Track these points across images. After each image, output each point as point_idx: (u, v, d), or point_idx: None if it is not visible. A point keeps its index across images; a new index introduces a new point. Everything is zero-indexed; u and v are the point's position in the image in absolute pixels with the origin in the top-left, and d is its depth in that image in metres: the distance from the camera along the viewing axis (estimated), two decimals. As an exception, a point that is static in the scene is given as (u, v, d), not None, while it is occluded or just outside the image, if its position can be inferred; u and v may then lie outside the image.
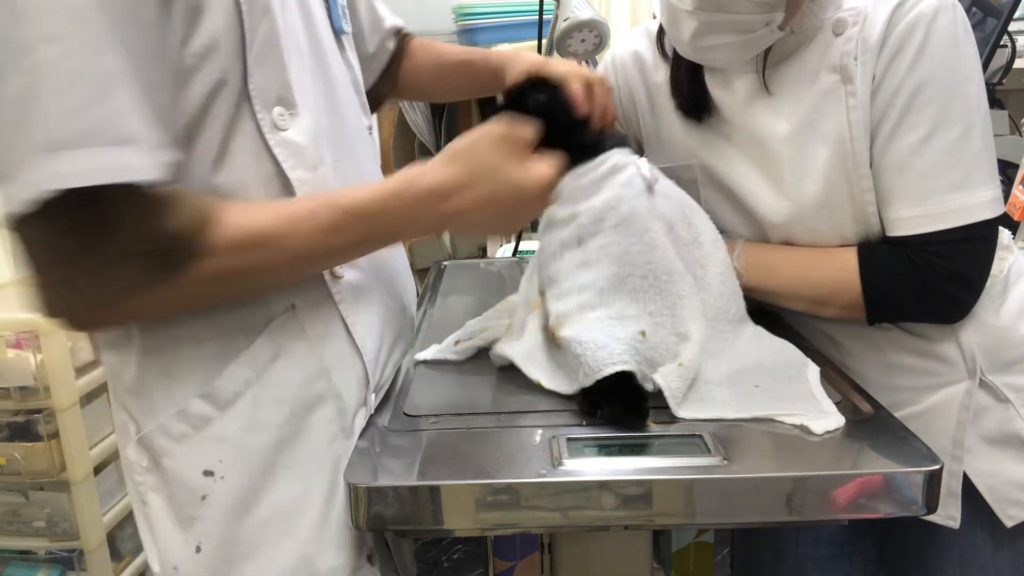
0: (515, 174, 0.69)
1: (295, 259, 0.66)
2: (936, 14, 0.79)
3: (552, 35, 1.38)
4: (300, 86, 0.70)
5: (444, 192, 0.67)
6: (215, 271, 0.62)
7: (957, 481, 0.87)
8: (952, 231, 0.81)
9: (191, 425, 0.69)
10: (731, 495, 0.65)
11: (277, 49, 0.67)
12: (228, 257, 0.62)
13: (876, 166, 0.83)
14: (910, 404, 0.90)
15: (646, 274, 0.81)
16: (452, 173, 0.68)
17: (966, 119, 0.80)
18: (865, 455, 0.68)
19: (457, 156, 0.68)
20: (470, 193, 0.68)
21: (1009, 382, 0.88)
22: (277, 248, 0.64)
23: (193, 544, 0.69)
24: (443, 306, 1.14)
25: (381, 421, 0.76)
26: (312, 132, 0.71)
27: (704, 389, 0.78)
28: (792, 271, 0.90)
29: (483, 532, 0.74)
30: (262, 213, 0.64)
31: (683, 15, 0.83)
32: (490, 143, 0.69)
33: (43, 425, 1.48)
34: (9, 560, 1.61)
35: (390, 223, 0.68)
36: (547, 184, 0.70)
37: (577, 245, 0.82)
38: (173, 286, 0.61)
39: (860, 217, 0.85)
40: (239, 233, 0.62)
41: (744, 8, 0.79)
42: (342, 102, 0.78)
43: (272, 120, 0.67)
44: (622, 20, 3.02)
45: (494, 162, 0.68)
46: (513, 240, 1.61)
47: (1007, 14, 1.62)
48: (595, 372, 0.73)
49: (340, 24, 0.79)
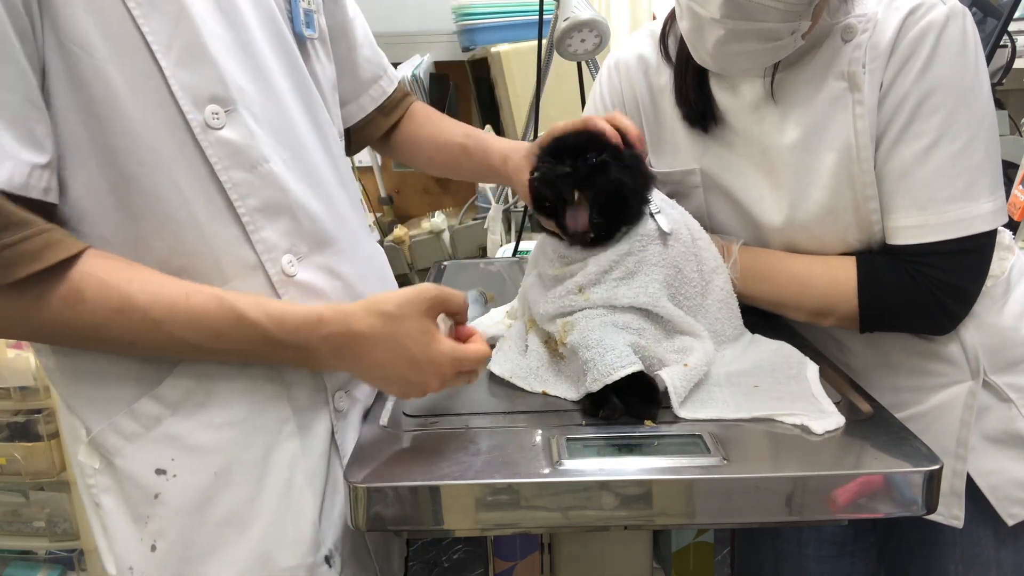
0: (422, 354, 0.68)
1: (144, 342, 0.66)
2: (947, 22, 0.79)
3: (552, 35, 1.38)
4: (243, 83, 0.69)
5: (348, 344, 0.67)
6: (51, 316, 0.62)
7: (961, 481, 0.87)
8: (950, 242, 0.80)
9: (141, 424, 0.70)
10: (731, 495, 0.64)
11: (202, 48, 0.66)
12: (68, 309, 0.62)
13: (878, 173, 0.83)
14: (913, 404, 0.90)
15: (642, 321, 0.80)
16: (364, 330, 0.67)
17: (971, 129, 0.79)
18: (865, 455, 0.68)
19: (378, 318, 0.67)
20: (370, 357, 0.68)
21: (1011, 382, 0.88)
22: (135, 324, 0.64)
23: (148, 543, 0.70)
24: (443, 306, 1.14)
25: (380, 421, 0.76)
26: (254, 130, 0.70)
27: (704, 389, 0.77)
28: (787, 281, 0.89)
29: (483, 532, 0.74)
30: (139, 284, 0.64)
31: (709, 23, 0.81)
32: (413, 319, 0.68)
33: (43, 425, 1.48)
34: (9, 560, 1.61)
35: (279, 351, 0.68)
36: (455, 368, 0.69)
37: (577, 292, 0.81)
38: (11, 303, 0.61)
39: (863, 224, 0.85)
40: (98, 287, 0.62)
41: (772, 16, 0.78)
42: (301, 104, 0.77)
43: (203, 119, 0.67)
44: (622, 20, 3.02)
45: (408, 336, 0.68)
46: (513, 240, 1.61)
47: (1007, 14, 1.62)
48: (605, 377, 0.72)
49: (300, 28, 0.78)
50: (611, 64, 1.05)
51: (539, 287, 0.88)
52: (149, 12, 0.64)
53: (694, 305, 0.85)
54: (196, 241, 0.68)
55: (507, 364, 0.83)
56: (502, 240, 1.82)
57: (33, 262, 0.60)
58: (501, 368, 0.83)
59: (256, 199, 0.70)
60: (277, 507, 0.72)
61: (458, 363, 0.69)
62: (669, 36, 0.97)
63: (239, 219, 0.69)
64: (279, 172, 0.72)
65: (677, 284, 0.83)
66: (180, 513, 0.70)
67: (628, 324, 0.78)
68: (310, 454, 0.74)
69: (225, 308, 0.65)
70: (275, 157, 0.72)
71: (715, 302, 0.87)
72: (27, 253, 0.60)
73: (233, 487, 0.71)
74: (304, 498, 0.73)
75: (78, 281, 0.62)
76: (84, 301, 0.62)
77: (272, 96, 0.73)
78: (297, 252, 0.74)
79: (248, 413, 0.72)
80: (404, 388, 0.70)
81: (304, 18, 0.79)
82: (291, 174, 0.73)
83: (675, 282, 0.83)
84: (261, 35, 0.73)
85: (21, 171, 0.59)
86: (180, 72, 0.65)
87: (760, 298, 0.91)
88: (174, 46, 0.65)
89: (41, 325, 0.63)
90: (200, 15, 0.67)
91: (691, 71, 0.92)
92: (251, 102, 0.70)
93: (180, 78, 0.65)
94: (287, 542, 0.72)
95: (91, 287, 0.62)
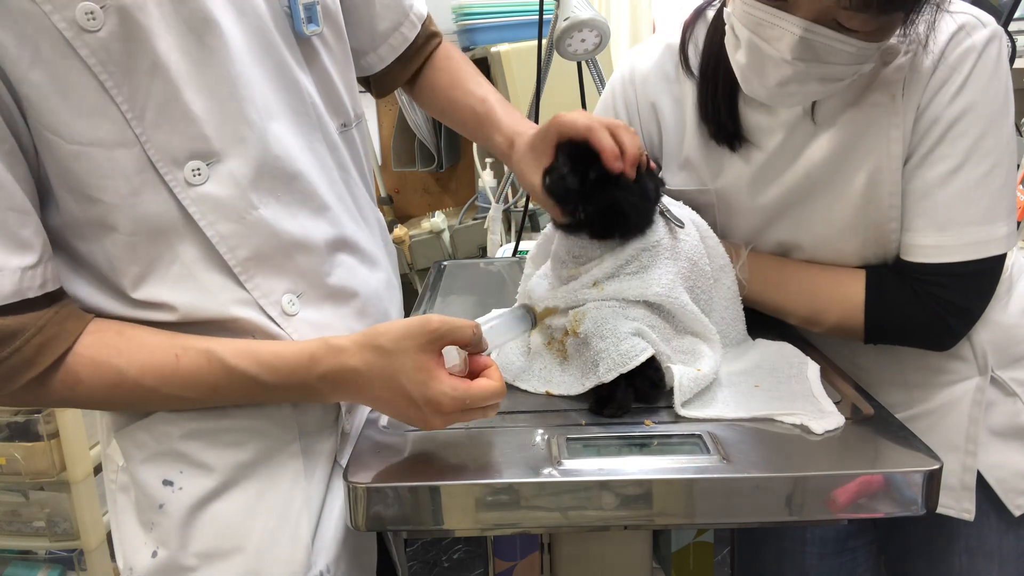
0: (420, 393, 0.64)
1: (151, 405, 0.70)
2: (987, 45, 0.79)
3: (552, 35, 1.38)
4: (224, 128, 0.67)
5: (345, 380, 0.67)
6: (54, 395, 0.65)
7: (971, 475, 0.88)
8: (964, 264, 0.80)
9: (153, 438, 0.71)
10: (731, 495, 0.64)
11: (178, 104, 0.64)
12: (68, 390, 0.65)
13: (901, 190, 0.83)
14: (923, 401, 0.90)
15: (653, 318, 0.80)
16: (361, 367, 0.65)
17: (996, 155, 0.79)
18: (865, 455, 0.68)
19: (375, 354, 0.65)
20: (370, 392, 0.66)
21: (1016, 377, 0.89)
22: (133, 393, 0.66)
23: (150, 549, 0.71)
24: (443, 306, 1.14)
25: (381, 421, 0.76)
26: (239, 177, 0.68)
27: (706, 389, 0.77)
28: (794, 288, 0.89)
29: (483, 532, 0.74)
30: (128, 358, 0.66)
31: (776, 62, 0.77)
32: (411, 355, 0.64)
33: (43, 425, 1.48)
34: (9, 560, 1.61)
35: (276, 394, 0.69)
36: (455, 408, 0.64)
37: (592, 286, 0.81)
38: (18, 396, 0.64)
39: (882, 240, 0.85)
40: (90, 373, 0.65)
41: (843, 59, 0.76)
42: (293, 121, 0.74)
43: (183, 178, 0.66)
44: (622, 20, 3.02)
45: (406, 374, 0.64)
46: (513, 240, 1.61)
47: (1007, 14, 1.61)
48: (620, 366, 0.73)
49: (300, 28, 0.75)
50: (626, 75, 1.00)
51: (546, 282, 0.87)
52: (121, 79, 0.62)
53: (708, 299, 0.85)
54: (195, 289, 0.69)
55: (510, 367, 0.83)
56: (502, 240, 1.82)
57: (29, 369, 0.63)
58: (503, 371, 0.83)
59: (246, 249, 0.70)
60: (274, 526, 0.73)
61: (460, 403, 0.64)
62: (689, 47, 0.94)
63: (231, 269, 0.70)
64: (269, 217, 0.71)
65: (694, 278, 0.83)
66: (180, 524, 0.71)
67: (639, 319, 0.78)
68: (311, 478, 0.75)
69: (215, 364, 0.66)
70: (267, 199, 0.71)
71: (722, 300, 0.87)
72: (23, 363, 0.62)
73: (232, 503, 0.72)
74: (300, 521, 0.74)
75: (73, 366, 0.65)
76: (81, 382, 0.65)
77: (261, 132, 0.70)
78: (296, 290, 0.74)
79: (255, 435, 0.73)
80: (409, 422, 0.68)
81: (305, 14, 0.75)
82: (285, 211, 0.72)
83: (691, 275, 0.83)
84: (249, 60, 0.69)
85: (12, 279, 0.61)
86: (156, 134, 0.64)
87: (766, 303, 0.91)
88: (149, 107, 0.64)
89: (51, 404, 0.69)
90: (176, 67, 0.64)
91: (721, 89, 0.89)
92: (237, 148, 0.68)
93: (156, 141, 0.64)
94: (280, 560, 0.73)
95: (85, 369, 0.65)
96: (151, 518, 0.71)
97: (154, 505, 0.71)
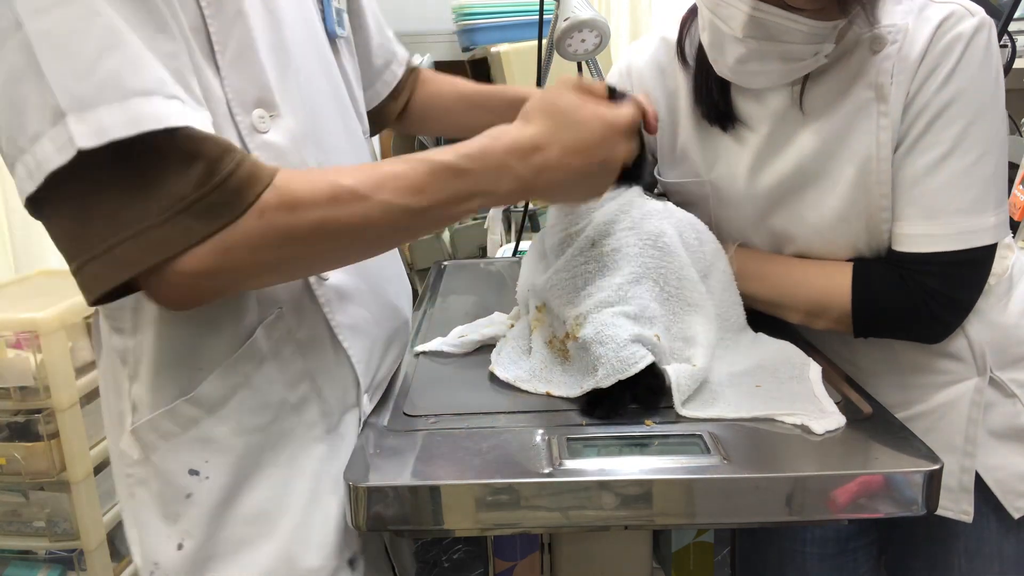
0: (595, 113, 0.70)
1: (369, 223, 0.64)
2: (975, 33, 0.79)
3: (552, 35, 1.38)
4: (284, 87, 0.70)
5: (530, 146, 0.68)
6: (274, 229, 0.60)
7: (970, 477, 0.88)
8: (952, 254, 0.81)
9: (178, 424, 0.70)
10: (731, 495, 0.65)
11: (252, 52, 0.67)
12: (289, 215, 0.60)
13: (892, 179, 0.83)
14: (921, 401, 0.90)
15: (658, 278, 0.81)
16: (534, 128, 0.68)
17: (984, 143, 0.80)
18: (865, 455, 0.68)
19: (535, 112, 0.69)
20: (555, 146, 0.68)
21: (1015, 378, 0.89)
22: (352, 206, 0.63)
23: (176, 541, 0.70)
24: (443, 306, 1.14)
25: (381, 421, 0.76)
26: (295, 134, 0.70)
27: (707, 389, 0.78)
28: (783, 281, 0.90)
29: (483, 532, 0.74)
30: (336, 173, 0.64)
31: (730, 40, 0.81)
32: (563, 93, 0.71)
33: (43, 425, 1.48)
34: (9, 560, 1.61)
35: (477, 181, 0.66)
36: (628, 122, 0.71)
37: (591, 248, 0.82)
38: (229, 243, 0.59)
39: (874, 231, 0.85)
40: (306, 188, 0.61)
41: (796, 37, 0.77)
42: (334, 104, 0.78)
43: (252, 123, 0.67)
44: (622, 20, 3.02)
45: (572, 106, 0.69)
46: (513, 240, 1.61)
47: (1007, 14, 1.62)
48: (619, 372, 0.73)
49: (333, 27, 0.79)
50: (623, 70, 1.03)
51: (542, 264, 0.88)
52: (215, 10, 0.64)
53: (704, 276, 0.86)
54: None
55: (510, 368, 0.83)
56: (502, 240, 1.82)
57: (256, 183, 0.60)
58: (504, 372, 0.83)
59: None
60: (303, 510, 0.72)
61: (630, 116, 0.71)
62: (686, 40, 0.96)
63: None
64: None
65: (686, 236, 0.86)
66: (209, 514, 0.70)
67: (641, 312, 0.78)
68: (336, 459, 0.75)
69: (416, 162, 0.65)
70: (311, 162, 0.72)
71: (718, 283, 0.88)
72: (248, 177, 0.59)
73: (261, 489, 0.71)
74: (330, 502, 0.73)
75: (285, 186, 0.61)
76: (300, 203, 0.61)
77: (309, 101, 0.73)
78: None
79: (280, 417, 0.72)
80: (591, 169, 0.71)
81: (336, 17, 0.80)
82: None
83: (683, 230, 0.86)
84: (301, 36, 0.73)
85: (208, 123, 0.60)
86: (231, 74, 0.66)
87: (756, 297, 0.91)
88: (230, 46, 0.66)
89: (267, 246, 0.61)
90: (253, 20, 0.67)
91: (713, 77, 0.90)
92: (292, 107, 0.70)
93: (231, 80, 0.66)
94: (312, 545, 0.72)
95: (300, 187, 0.61)
96: (176, 509, 0.70)
97: (180, 496, 0.70)
